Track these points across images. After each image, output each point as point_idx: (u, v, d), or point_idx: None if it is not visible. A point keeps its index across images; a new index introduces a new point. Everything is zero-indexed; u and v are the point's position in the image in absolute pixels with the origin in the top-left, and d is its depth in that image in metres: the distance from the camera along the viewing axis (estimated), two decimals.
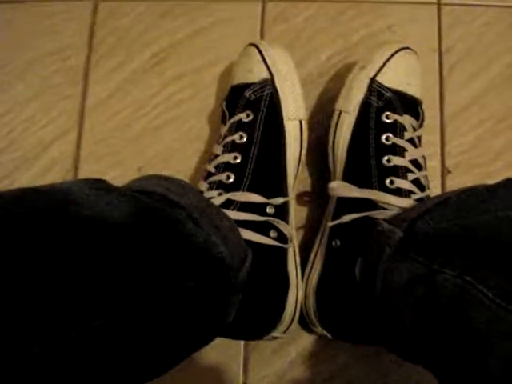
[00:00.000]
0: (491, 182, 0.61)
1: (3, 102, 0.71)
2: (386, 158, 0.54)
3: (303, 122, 0.58)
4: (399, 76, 0.58)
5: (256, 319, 0.54)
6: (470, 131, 0.67)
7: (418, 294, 0.40)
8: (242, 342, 0.61)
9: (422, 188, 0.55)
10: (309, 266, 0.58)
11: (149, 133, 0.69)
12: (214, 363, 0.61)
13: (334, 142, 0.58)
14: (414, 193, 0.54)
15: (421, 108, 0.59)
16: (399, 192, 0.53)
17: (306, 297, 0.57)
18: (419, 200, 0.53)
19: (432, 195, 0.55)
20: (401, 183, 0.53)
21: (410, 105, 0.58)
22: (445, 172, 0.65)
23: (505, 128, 0.67)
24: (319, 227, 0.60)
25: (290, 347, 0.61)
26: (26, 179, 0.68)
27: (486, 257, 0.36)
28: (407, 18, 0.71)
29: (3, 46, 0.74)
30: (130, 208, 0.39)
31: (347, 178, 0.56)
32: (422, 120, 0.60)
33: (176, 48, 0.72)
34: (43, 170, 0.68)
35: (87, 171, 0.68)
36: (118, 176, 0.67)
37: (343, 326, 0.55)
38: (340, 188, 0.55)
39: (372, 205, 0.53)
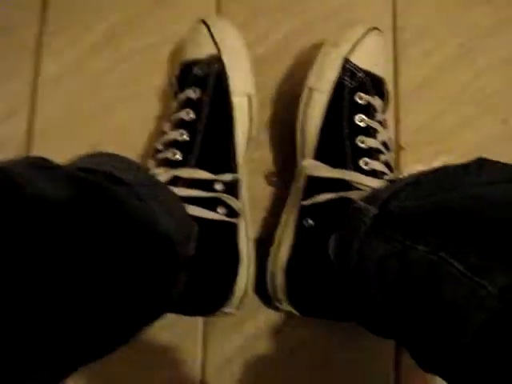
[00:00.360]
0: (444, 159, 0.64)
1: None
2: (359, 138, 0.55)
3: (253, 98, 0.58)
4: (370, 57, 0.58)
5: (206, 294, 0.55)
6: (424, 109, 0.67)
7: (391, 269, 0.40)
8: (200, 320, 0.62)
9: (391, 170, 0.55)
10: (275, 243, 0.58)
11: (102, 110, 0.68)
12: (173, 341, 0.61)
13: (304, 119, 0.58)
14: (386, 174, 0.54)
15: (385, 88, 0.60)
16: (374, 173, 0.54)
17: (272, 274, 0.57)
18: (390, 181, 0.53)
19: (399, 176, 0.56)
20: (374, 164, 0.54)
21: (378, 86, 0.58)
22: (398, 149, 0.66)
23: (458, 106, 0.68)
24: (283, 205, 0.60)
25: (248, 323, 0.61)
26: None
27: (458, 232, 0.37)
28: None
29: None
30: (74, 186, 0.38)
31: (319, 157, 0.56)
32: (387, 101, 0.60)
33: (130, 24, 0.71)
34: None
35: (40, 148, 0.67)
36: (71, 153, 0.65)
37: (314, 304, 0.56)
38: (314, 167, 0.55)
39: (345, 185, 0.53)
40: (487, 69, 0.69)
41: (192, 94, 0.57)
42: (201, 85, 0.57)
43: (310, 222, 0.54)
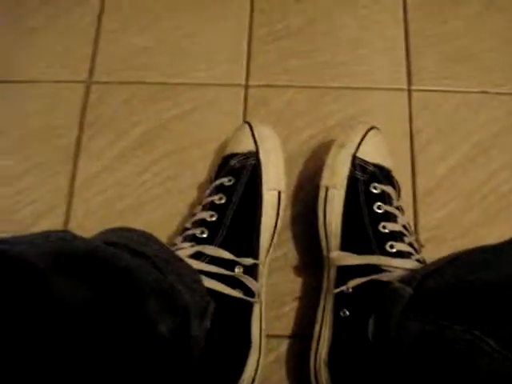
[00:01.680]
0: None
1: None
2: (381, 224, 0.57)
3: (282, 194, 0.61)
4: (375, 151, 0.62)
5: (214, 379, 0.54)
6: (441, 207, 0.70)
7: (426, 349, 0.41)
8: None
9: (415, 250, 0.57)
10: (315, 338, 0.58)
11: (136, 208, 0.71)
12: None
13: (325, 217, 0.60)
14: (412, 254, 0.56)
15: (394, 177, 0.63)
16: (401, 254, 0.55)
17: (316, 371, 0.57)
18: (418, 260, 0.55)
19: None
20: (400, 246, 0.56)
21: (388, 176, 0.62)
22: (418, 246, 0.67)
23: (474, 204, 0.70)
24: (318, 301, 0.60)
25: None
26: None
27: (491, 311, 0.38)
28: (380, 103, 0.76)
29: None
30: (92, 277, 0.38)
31: (345, 248, 0.58)
32: (399, 189, 0.63)
33: (163, 128, 0.75)
34: None
35: None
36: None
37: None
38: (342, 257, 0.57)
39: (374, 270, 0.54)
40: (503, 166, 0.72)
41: (226, 181, 0.60)
42: (235, 175, 0.60)
43: (346, 312, 0.55)
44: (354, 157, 0.60)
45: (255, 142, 0.62)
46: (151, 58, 0.80)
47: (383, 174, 0.61)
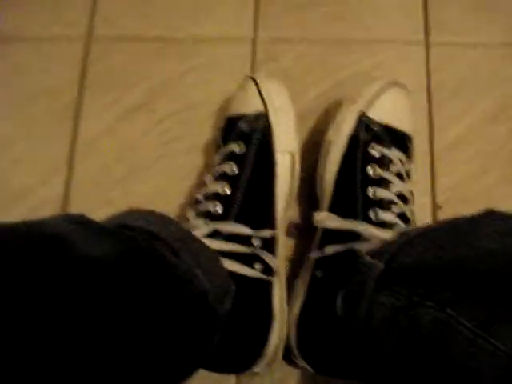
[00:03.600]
0: None
1: None
2: (371, 189, 0.55)
3: (296, 156, 0.59)
4: (390, 111, 0.59)
5: (237, 353, 0.54)
6: (460, 167, 0.67)
7: (399, 326, 0.40)
8: (232, 378, 0.60)
9: (407, 222, 0.55)
10: (292, 295, 0.58)
11: (139, 171, 0.69)
12: None
13: (321, 171, 0.59)
14: (397, 225, 0.54)
15: (410, 143, 0.60)
16: (383, 224, 0.53)
17: (288, 328, 0.57)
18: (398, 233, 0.52)
19: None
20: (384, 215, 0.54)
21: (400, 140, 0.59)
22: (436, 207, 0.65)
23: (493, 164, 0.67)
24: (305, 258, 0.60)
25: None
26: (14, 218, 0.67)
27: (465, 289, 0.36)
28: (395, 57, 0.72)
29: None
30: (116, 245, 0.40)
31: (333, 208, 0.56)
32: (411, 155, 0.60)
33: (167, 86, 0.73)
34: (32, 210, 0.68)
35: (76, 210, 0.66)
36: (108, 215, 0.66)
37: (323, 360, 0.55)
38: (325, 219, 0.55)
39: (356, 236, 0.53)
40: None
41: (236, 148, 0.57)
42: (245, 140, 0.58)
43: (321, 273, 0.54)
44: (362, 114, 0.58)
45: (263, 100, 0.59)
46: (154, 12, 0.76)
47: (392, 137, 0.58)
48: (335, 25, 0.74)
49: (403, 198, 0.56)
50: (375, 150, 0.56)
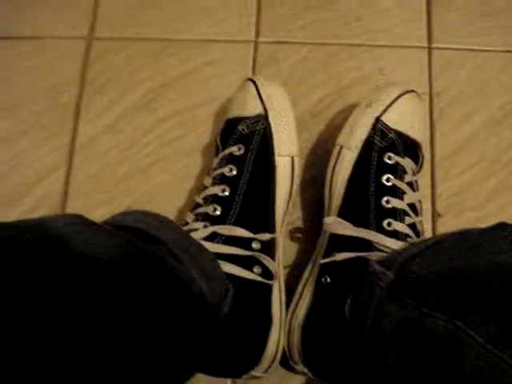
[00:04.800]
0: (482, 225, 0.62)
1: None
2: (385, 198, 0.54)
3: (295, 159, 0.58)
4: (404, 118, 0.58)
5: (235, 357, 0.53)
6: (461, 174, 0.67)
7: (407, 337, 0.39)
8: (229, 382, 0.61)
9: (417, 233, 0.54)
10: (295, 299, 0.57)
11: (138, 172, 0.69)
12: None
13: (332, 176, 0.58)
14: (410, 237, 0.53)
15: (420, 151, 0.59)
16: (396, 235, 0.53)
17: (289, 331, 0.56)
18: (409, 243, 0.52)
19: None
20: (398, 226, 0.53)
21: (411, 148, 0.58)
22: (436, 215, 0.64)
23: (495, 171, 0.67)
24: (308, 261, 0.59)
25: None
26: (13, 217, 0.67)
27: (476, 301, 0.36)
28: (398, 62, 0.72)
29: None
30: (115, 246, 0.39)
31: (343, 214, 0.55)
32: (421, 164, 0.60)
33: (168, 87, 0.72)
34: (31, 208, 0.68)
35: (74, 210, 0.67)
36: (106, 215, 0.66)
37: (327, 366, 0.54)
38: (336, 224, 0.54)
39: (366, 245, 0.52)
40: None
41: (235, 150, 0.57)
42: (245, 142, 0.57)
43: (328, 279, 0.53)
44: (378, 120, 0.57)
45: (263, 103, 0.58)
46: (155, 12, 0.76)
47: (405, 145, 0.57)
48: (338, 28, 0.74)
49: (414, 208, 0.55)
50: (390, 160, 0.55)
